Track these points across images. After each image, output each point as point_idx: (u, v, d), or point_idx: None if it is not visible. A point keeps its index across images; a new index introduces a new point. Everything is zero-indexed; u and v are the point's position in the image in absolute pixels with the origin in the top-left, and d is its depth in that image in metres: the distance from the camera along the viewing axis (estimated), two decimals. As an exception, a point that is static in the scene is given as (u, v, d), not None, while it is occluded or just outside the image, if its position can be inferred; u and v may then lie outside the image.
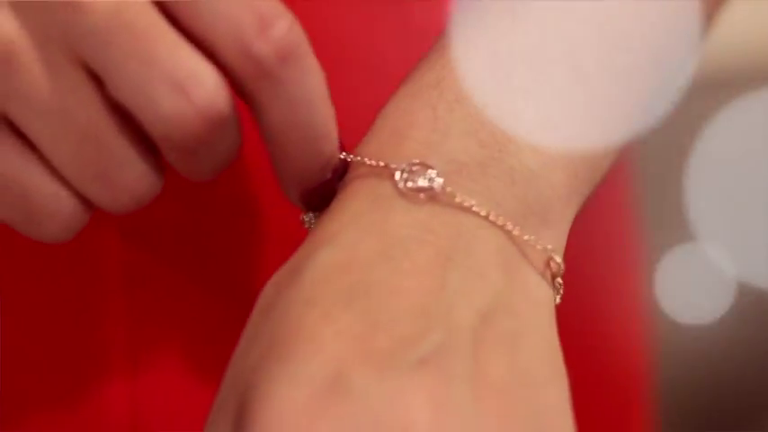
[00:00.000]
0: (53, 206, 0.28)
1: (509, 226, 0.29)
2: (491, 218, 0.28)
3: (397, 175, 0.29)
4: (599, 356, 0.45)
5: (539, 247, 0.29)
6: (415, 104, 0.30)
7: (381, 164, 0.29)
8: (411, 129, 0.30)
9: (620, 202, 0.48)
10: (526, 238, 0.29)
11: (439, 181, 0.28)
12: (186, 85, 0.26)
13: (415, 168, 0.29)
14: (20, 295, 0.36)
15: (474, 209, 0.28)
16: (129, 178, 0.28)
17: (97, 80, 0.27)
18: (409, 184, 0.28)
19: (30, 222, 0.28)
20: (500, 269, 0.28)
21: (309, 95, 0.28)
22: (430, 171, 0.29)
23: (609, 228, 0.47)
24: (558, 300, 0.30)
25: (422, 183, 0.28)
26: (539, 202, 0.30)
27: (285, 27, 0.27)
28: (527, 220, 0.29)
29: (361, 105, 0.30)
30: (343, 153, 0.30)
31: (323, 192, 0.30)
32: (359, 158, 0.30)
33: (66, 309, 0.36)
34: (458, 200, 0.28)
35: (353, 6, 0.38)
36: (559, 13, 0.32)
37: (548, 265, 0.30)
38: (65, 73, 0.27)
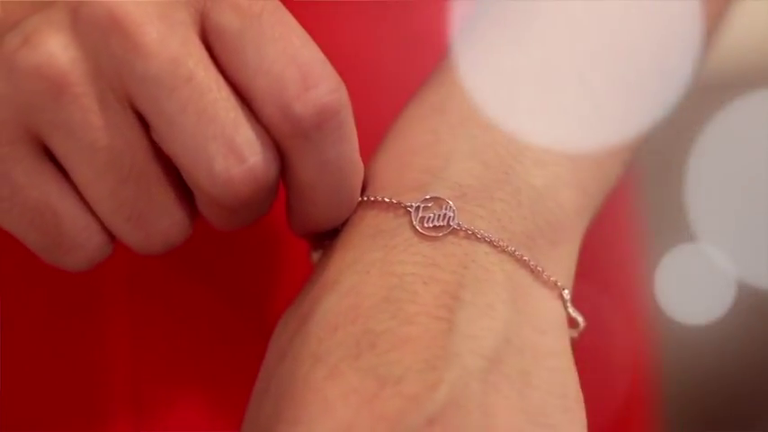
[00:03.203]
0: (83, 238, 0.28)
1: (517, 251, 0.28)
2: (498, 244, 0.28)
3: (413, 216, 0.28)
4: (599, 356, 0.45)
5: (548, 269, 0.28)
6: (418, 129, 0.30)
7: (394, 200, 0.29)
8: (413, 155, 0.30)
9: (621, 203, 0.48)
10: (533, 263, 0.28)
11: (452, 215, 0.28)
12: (244, 152, 0.26)
13: (429, 205, 0.28)
14: (21, 303, 0.36)
15: (479, 235, 0.28)
16: (163, 224, 0.28)
17: (144, 123, 0.27)
18: (426, 224, 0.28)
19: (57, 250, 0.28)
20: (508, 301, 0.27)
21: (341, 162, 0.28)
22: (445, 207, 0.28)
23: (609, 228, 0.47)
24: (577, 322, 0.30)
25: (438, 222, 0.28)
26: (547, 222, 0.29)
27: (328, 90, 0.26)
28: (535, 241, 0.29)
29: (360, 113, 0.30)
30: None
31: (331, 233, 0.30)
32: (365, 198, 0.29)
33: (68, 316, 0.36)
34: (462, 227, 0.28)
35: (354, 13, 0.38)
36: (563, 29, 0.31)
37: (557, 285, 0.29)
38: (115, 112, 0.26)
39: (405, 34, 0.38)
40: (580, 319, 0.30)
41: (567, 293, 0.29)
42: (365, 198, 0.29)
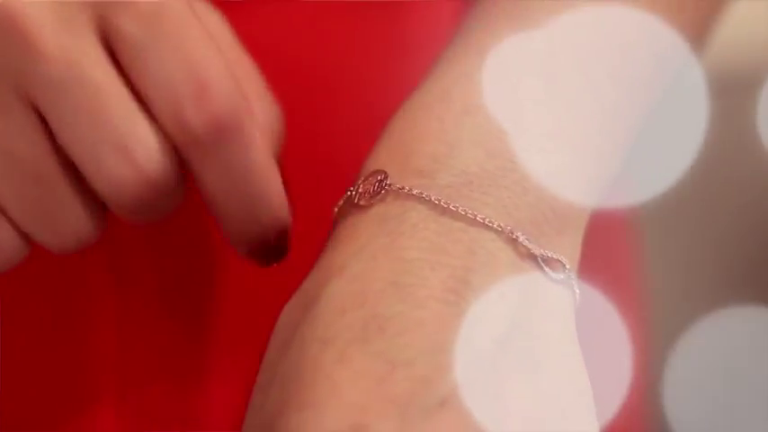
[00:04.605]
0: None
1: (523, 238, 0.28)
2: (504, 230, 0.28)
3: (354, 194, 0.29)
4: (599, 356, 0.45)
5: (554, 256, 0.29)
6: (423, 116, 0.30)
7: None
8: (418, 142, 0.30)
9: (621, 203, 0.48)
10: (540, 249, 0.28)
11: (382, 177, 0.28)
12: (136, 155, 0.26)
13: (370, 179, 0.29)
14: (11, 302, 0.36)
15: (486, 222, 0.28)
16: (72, 221, 0.28)
17: (46, 123, 0.27)
18: (365, 197, 0.29)
19: None
20: (516, 286, 0.27)
21: (244, 168, 0.28)
22: (380, 176, 0.29)
23: (609, 228, 0.47)
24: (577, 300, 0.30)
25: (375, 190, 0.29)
26: (552, 210, 0.29)
27: (223, 101, 0.26)
28: (541, 228, 0.29)
29: (357, 116, 0.30)
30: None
31: (272, 252, 0.30)
32: (370, 186, 0.29)
33: (55, 314, 0.36)
34: (469, 214, 0.28)
35: (349, 18, 0.38)
36: (566, 22, 0.32)
37: (564, 271, 0.29)
38: (15, 113, 0.26)
39: (396, 36, 0.38)
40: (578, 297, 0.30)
41: (574, 279, 0.29)
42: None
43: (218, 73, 0.27)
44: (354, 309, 0.27)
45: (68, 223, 0.28)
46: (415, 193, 0.29)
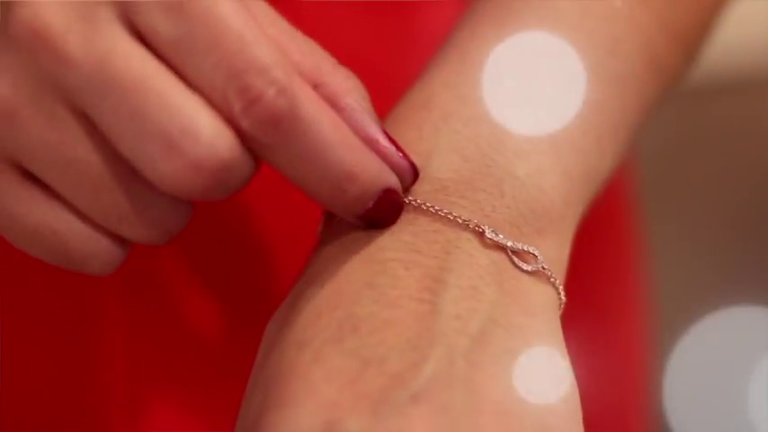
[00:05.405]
0: (91, 248, 0.28)
1: (500, 238, 0.28)
2: (480, 231, 0.28)
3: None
4: (599, 356, 0.45)
5: (525, 248, 0.29)
6: (402, 127, 0.30)
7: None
8: None
9: (621, 202, 0.48)
10: (519, 248, 0.28)
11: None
12: (179, 143, 0.25)
13: None
14: (18, 303, 0.36)
15: (461, 223, 0.28)
16: (154, 215, 0.28)
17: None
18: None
19: (73, 263, 0.28)
20: (494, 284, 0.28)
21: (311, 151, 0.27)
22: None
23: (609, 227, 0.47)
24: (562, 301, 0.30)
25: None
26: (531, 210, 0.29)
27: (271, 97, 0.25)
28: (521, 229, 0.29)
29: None
30: None
31: (379, 213, 0.29)
32: None
33: (65, 317, 0.36)
34: (446, 216, 0.28)
35: (357, 18, 0.38)
36: (550, 21, 0.32)
37: (536, 263, 0.29)
38: (67, 124, 0.26)
39: (404, 35, 0.38)
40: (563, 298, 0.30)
41: (557, 280, 0.29)
42: None
43: (258, 65, 0.25)
44: (330, 310, 0.27)
45: (152, 219, 0.28)
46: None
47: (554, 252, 0.30)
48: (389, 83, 0.35)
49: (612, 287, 0.47)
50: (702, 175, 1.05)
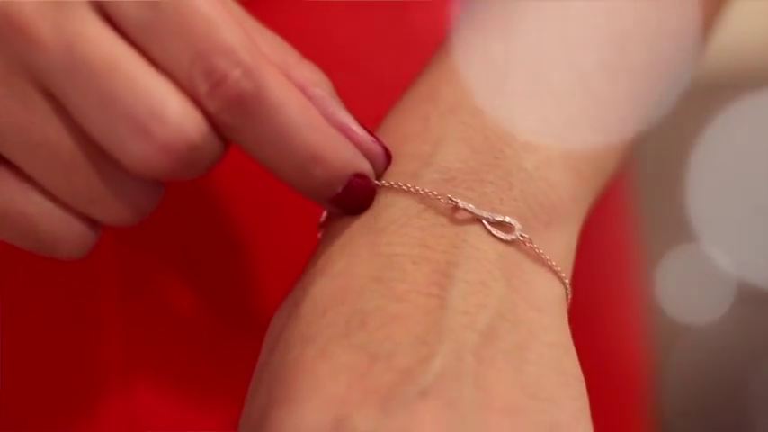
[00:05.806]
0: (62, 231, 0.28)
1: (463, 203, 0.28)
2: (490, 221, 0.28)
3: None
4: (599, 357, 0.45)
5: (501, 219, 0.28)
6: (408, 117, 0.30)
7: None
8: (404, 143, 0.30)
9: (620, 202, 0.48)
10: (527, 242, 0.28)
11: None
12: (148, 125, 0.25)
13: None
14: (17, 303, 0.36)
15: (469, 216, 0.28)
16: (126, 196, 0.28)
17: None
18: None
19: (44, 247, 0.28)
20: (502, 278, 0.27)
21: (277, 132, 0.27)
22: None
23: (609, 228, 0.47)
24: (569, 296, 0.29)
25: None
26: (539, 204, 0.29)
27: (235, 79, 0.26)
28: (528, 223, 0.29)
29: (361, 116, 0.29)
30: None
31: (349, 198, 0.29)
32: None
33: (62, 316, 0.36)
34: (452, 206, 0.28)
35: (354, 17, 0.38)
36: (556, 15, 0.32)
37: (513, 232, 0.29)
38: (37, 106, 0.26)
39: (402, 34, 0.38)
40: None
41: (564, 273, 0.29)
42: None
43: (224, 47, 0.26)
44: (336, 306, 0.27)
45: (123, 200, 0.28)
46: (397, 188, 0.29)
47: (561, 245, 0.29)
48: (387, 82, 0.35)
49: (612, 287, 0.47)
50: (702, 174, 1.05)
